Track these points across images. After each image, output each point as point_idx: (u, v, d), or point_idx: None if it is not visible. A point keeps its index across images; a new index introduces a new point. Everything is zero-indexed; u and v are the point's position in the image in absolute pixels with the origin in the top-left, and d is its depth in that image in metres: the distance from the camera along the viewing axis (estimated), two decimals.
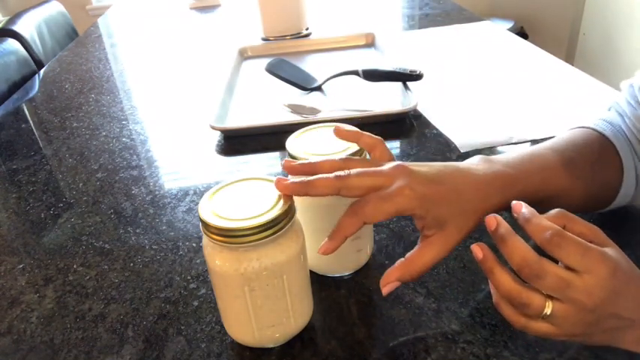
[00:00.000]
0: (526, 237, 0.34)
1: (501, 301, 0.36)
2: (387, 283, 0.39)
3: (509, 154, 0.45)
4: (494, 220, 0.35)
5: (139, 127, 0.88)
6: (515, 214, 0.36)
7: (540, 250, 0.34)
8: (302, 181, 0.38)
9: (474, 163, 0.43)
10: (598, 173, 0.48)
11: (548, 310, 0.33)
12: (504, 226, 0.35)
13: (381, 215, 0.37)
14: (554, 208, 0.36)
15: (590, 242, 0.34)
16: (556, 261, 0.33)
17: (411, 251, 0.40)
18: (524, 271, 0.33)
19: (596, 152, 0.49)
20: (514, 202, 0.36)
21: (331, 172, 0.38)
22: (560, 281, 0.32)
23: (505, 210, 0.40)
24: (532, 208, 0.35)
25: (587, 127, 0.51)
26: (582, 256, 0.32)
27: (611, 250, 0.34)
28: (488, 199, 0.41)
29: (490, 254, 0.35)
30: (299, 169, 0.40)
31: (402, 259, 0.40)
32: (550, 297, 0.33)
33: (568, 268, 0.33)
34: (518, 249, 0.33)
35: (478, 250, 0.35)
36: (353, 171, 0.38)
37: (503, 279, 0.34)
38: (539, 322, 0.34)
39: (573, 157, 0.47)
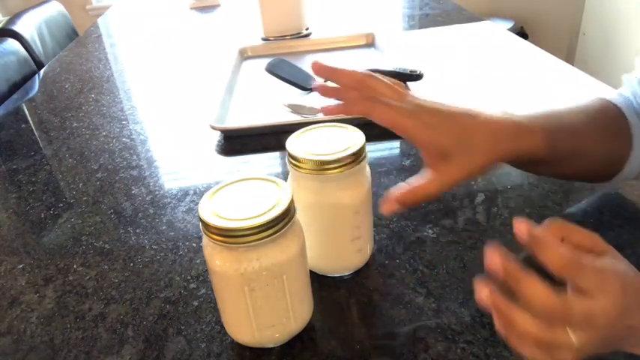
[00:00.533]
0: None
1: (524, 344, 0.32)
2: (387, 203, 0.40)
3: (525, 111, 0.45)
4: (499, 263, 0.32)
5: (138, 127, 0.88)
6: (518, 233, 0.32)
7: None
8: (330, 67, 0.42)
9: (488, 110, 0.43)
10: (608, 143, 0.48)
11: (575, 342, 0.31)
12: (512, 268, 0.32)
13: (386, 119, 0.39)
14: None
15: (590, 250, 0.33)
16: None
17: (414, 178, 0.40)
18: (546, 319, 0.31)
19: (609, 123, 0.49)
20: (517, 219, 0.33)
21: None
22: (585, 317, 0.31)
23: (514, 160, 0.41)
24: (541, 233, 0.32)
25: (604, 99, 0.51)
26: (598, 280, 0.31)
27: (614, 261, 0.33)
28: (499, 144, 0.41)
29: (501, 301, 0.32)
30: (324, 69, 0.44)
31: (404, 183, 0.40)
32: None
33: (579, 289, 0.31)
34: (535, 291, 0.31)
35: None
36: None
37: (526, 324, 0.31)
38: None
39: (588, 122, 0.47)
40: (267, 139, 0.78)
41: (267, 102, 0.89)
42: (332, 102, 0.45)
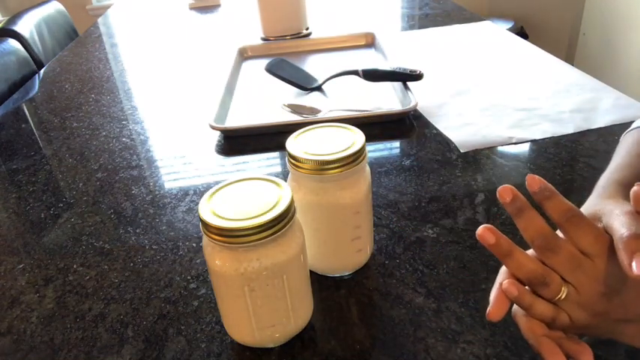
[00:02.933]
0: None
1: (512, 285, 0.34)
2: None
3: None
4: (509, 193, 0.34)
5: (139, 127, 0.88)
6: (531, 190, 0.34)
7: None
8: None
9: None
10: None
11: (563, 294, 0.33)
12: (521, 199, 0.34)
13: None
14: None
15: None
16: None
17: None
18: (539, 243, 0.33)
19: None
20: (530, 175, 0.34)
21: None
22: (573, 259, 0.33)
23: None
24: (552, 186, 0.34)
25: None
26: (595, 240, 0.33)
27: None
28: None
29: (503, 236, 0.34)
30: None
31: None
32: (565, 282, 0.33)
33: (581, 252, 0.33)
34: (535, 222, 0.33)
35: (489, 234, 0.34)
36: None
37: (524, 259, 0.34)
38: (550, 307, 0.34)
39: None
40: (267, 139, 0.78)
41: (267, 102, 0.89)
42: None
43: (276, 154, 0.76)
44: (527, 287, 0.35)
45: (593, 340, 0.36)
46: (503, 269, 0.37)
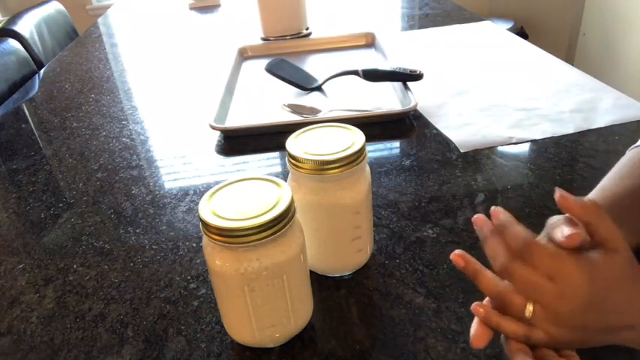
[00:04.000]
0: None
1: (478, 307, 0.37)
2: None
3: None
4: (480, 221, 0.37)
5: (139, 127, 0.88)
6: (493, 221, 0.37)
7: None
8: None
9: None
10: None
11: (528, 312, 0.34)
12: (487, 227, 0.37)
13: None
14: None
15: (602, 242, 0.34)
16: None
17: None
18: (496, 268, 0.35)
19: None
20: (494, 207, 0.38)
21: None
22: (527, 282, 0.34)
23: None
24: (510, 215, 0.37)
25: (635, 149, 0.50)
26: (552, 263, 0.34)
27: (598, 254, 0.34)
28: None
29: (471, 260, 0.37)
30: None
31: None
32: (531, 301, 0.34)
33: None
34: (497, 251, 0.35)
35: (459, 259, 0.38)
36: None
37: (485, 280, 0.36)
38: (520, 325, 0.35)
39: None
40: (267, 139, 0.78)
41: (267, 102, 0.89)
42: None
43: (276, 154, 0.76)
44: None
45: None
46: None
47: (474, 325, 0.37)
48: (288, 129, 0.51)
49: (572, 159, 0.66)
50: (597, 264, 0.34)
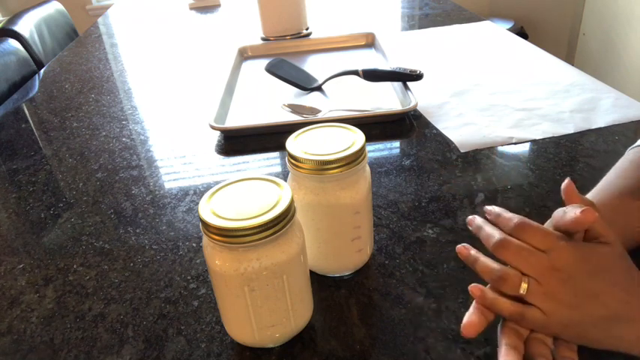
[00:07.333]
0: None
1: (474, 287, 0.38)
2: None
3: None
4: (473, 218, 0.41)
5: (139, 127, 0.89)
6: (487, 215, 0.40)
7: None
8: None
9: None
10: None
11: (524, 288, 0.35)
12: (481, 219, 0.40)
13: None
14: None
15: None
16: None
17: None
18: (491, 245, 0.37)
19: None
20: (487, 207, 0.41)
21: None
22: (522, 249, 0.35)
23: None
24: (498, 208, 0.40)
25: (635, 148, 0.51)
26: (544, 238, 0.35)
27: (591, 242, 0.36)
28: None
29: (473, 250, 0.39)
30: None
31: None
32: (525, 276, 0.35)
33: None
34: (491, 233, 0.38)
35: (463, 248, 0.40)
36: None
37: (486, 262, 0.38)
38: (515, 303, 0.36)
39: None
40: (267, 139, 0.78)
41: (267, 102, 0.89)
42: None
43: (276, 154, 0.76)
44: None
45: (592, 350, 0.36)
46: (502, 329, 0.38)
47: (467, 314, 0.37)
48: (288, 129, 0.51)
49: (572, 159, 0.66)
50: (589, 247, 0.36)
